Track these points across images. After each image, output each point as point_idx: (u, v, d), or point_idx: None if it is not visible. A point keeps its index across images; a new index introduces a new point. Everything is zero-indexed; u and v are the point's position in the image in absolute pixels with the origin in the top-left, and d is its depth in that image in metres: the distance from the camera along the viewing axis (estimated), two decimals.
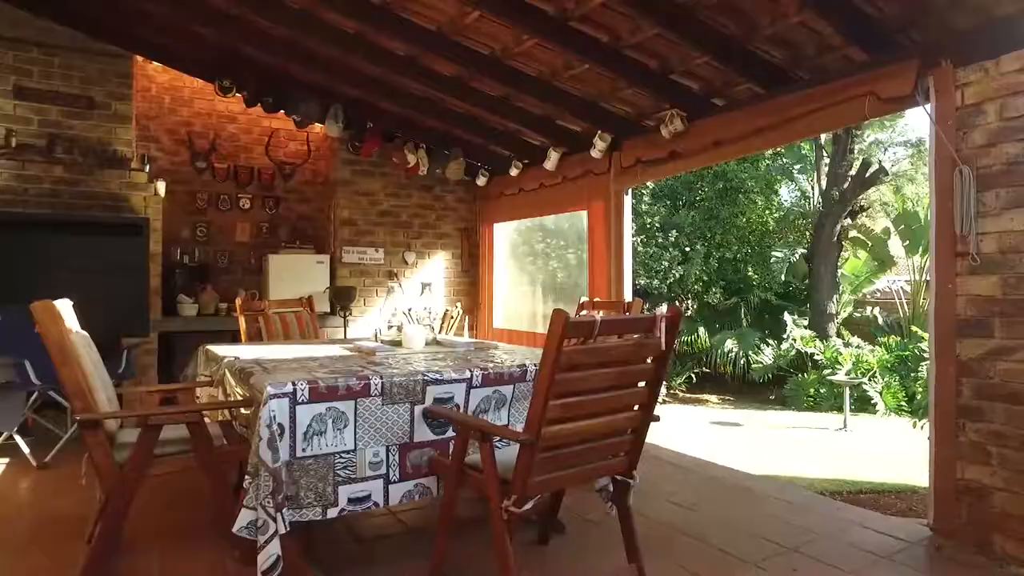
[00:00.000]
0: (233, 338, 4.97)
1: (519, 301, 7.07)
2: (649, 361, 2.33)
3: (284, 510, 2.19)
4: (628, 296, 4.76)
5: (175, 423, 2.45)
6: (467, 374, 2.67)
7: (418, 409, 2.56)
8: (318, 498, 2.33)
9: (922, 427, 4.11)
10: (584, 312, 4.22)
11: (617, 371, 2.22)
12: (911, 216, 11.62)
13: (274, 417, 2.21)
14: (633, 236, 10.86)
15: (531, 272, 7.39)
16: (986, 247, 2.84)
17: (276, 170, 6.56)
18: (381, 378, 2.46)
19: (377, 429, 2.46)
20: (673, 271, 10.92)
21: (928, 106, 3.02)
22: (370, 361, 2.93)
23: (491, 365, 2.81)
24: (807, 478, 6.26)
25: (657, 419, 2.46)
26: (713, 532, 3.10)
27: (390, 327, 3.60)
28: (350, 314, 6.06)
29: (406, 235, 6.66)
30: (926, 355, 10.28)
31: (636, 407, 2.39)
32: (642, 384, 2.37)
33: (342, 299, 5.95)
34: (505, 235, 6.96)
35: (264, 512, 2.14)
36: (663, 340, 2.25)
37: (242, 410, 2.68)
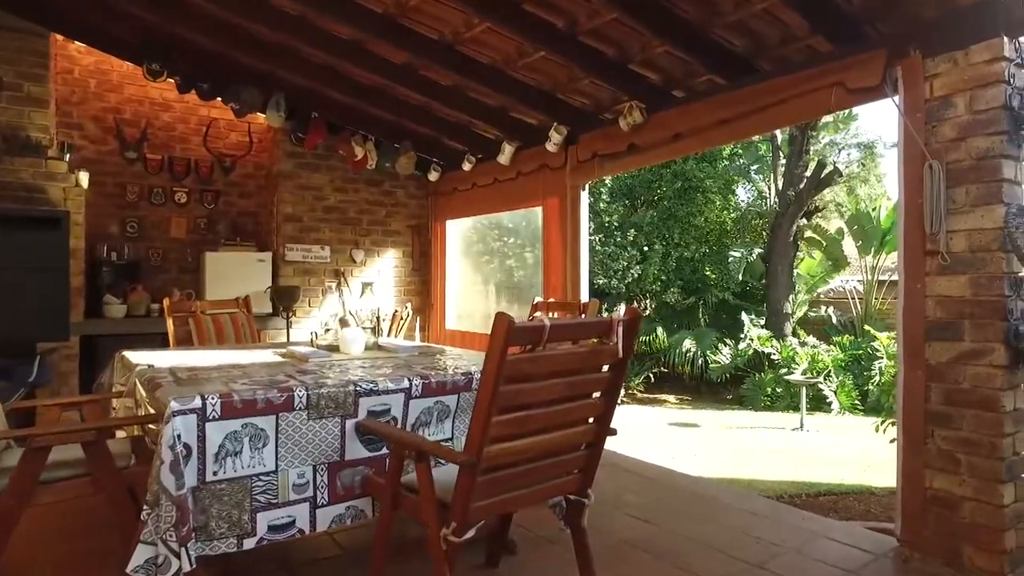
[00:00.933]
0: (163, 342, 4.60)
1: (473, 301, 6.82)
2: (605, 369, 2.12)
3: (191, 543, 1.90)
4: (585, 296, 4.56)
5: (65, 443, 2.13)
6: (405, 383, 2.41)
7: (350, 423, 2.29)
8: (232, 527, 2.04)
9: (884, 431, 4.01)
10: (538, 313, 4.00)
11: (569, 381, 1.99)
12: (864, 216, 11.77)
13: (179, 437, 1.91)
14: (591, 235, 10.72)
15: (486, 271, 7.15)
16: (956, 246, 2.71)
17: (215, 162, 6.16)
18: (307, 390, 2.19)
19: (302, 447, 2.18)
20: (631, 271, 10.82)
21: (896, 98, 2.88)
22: (300, 369, 2.65)
23: (433, 373, 2.56)
24: (767, 481, 6.18)
25: (614, 432, 2.25)
26: (675, 548, 2.91)
27: (327, 330, 3.32)
28: (293, 315, 5.72)
29: (354, 232, 6.33)
30: (879, 354, 10.43)
31: (591, 419, 2.17)
32: (597, 394, 2.15)
33: (285, 299, 5.60)
34: (458, 232, 6.70)
35: (165, 547, 1.84)
36: (621, 345, 2.03)
37: (151, 425, 2.37)
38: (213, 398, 2.00)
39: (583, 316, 3.54)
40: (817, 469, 6.59)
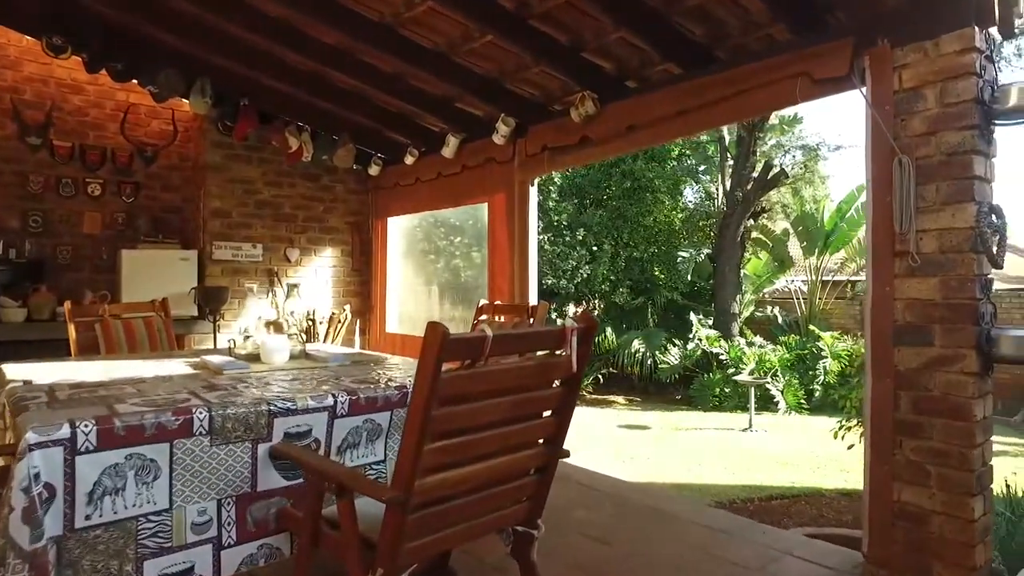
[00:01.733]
0: (70, 350, 4.12)
1: (416, 303, 6.49)
2: (557, 384, 1.86)
3: None
4: (534, 298, 4.31)
5: None
6: (329, 400, 2.10)
7: (263, 448, 1.96)
8: None
9: (842, 437, 3.88)
10: (484, 317, 3.72)
11: (515, 399, 1.72)
12: (808, 218, 11.93)
13: (36, 476, 1.56)
14: (540, 234, 10.51)
15: (431, 271, 6.84)
16: (926, 246, 2.55)
17: (135, 152, 5.64)
18: (210, 411, 1.85)
19: (204, 479, 1.84)
20: (581, 271, 10.66)
21: (864, 89, 2.72)
22: (210, 384, 2.30)
23: (363, 387, 2.25)
24: (719, 485, 6.07)
25: (567, 455, 1.99)
26: (633, 572, 2.67)
27: (246, 337, 2.96)
28: (221, 318, 5.28)
29: (289, 229, 5.92)
30: (823, 353, 10.57)
31: (540, 441, 1.91)
32: (548, 413, 1.88)
33: (211, 301, 5.16)
34: (401, 230, 6.36)
35: None
36: (574, 357, 1.78)
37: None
38: (87, 425, 1.65)
39: (531, 320, 3.27)
40: (768, 471, 6.52)
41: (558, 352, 1.78)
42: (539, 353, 1.79)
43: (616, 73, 3.85)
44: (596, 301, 13.84)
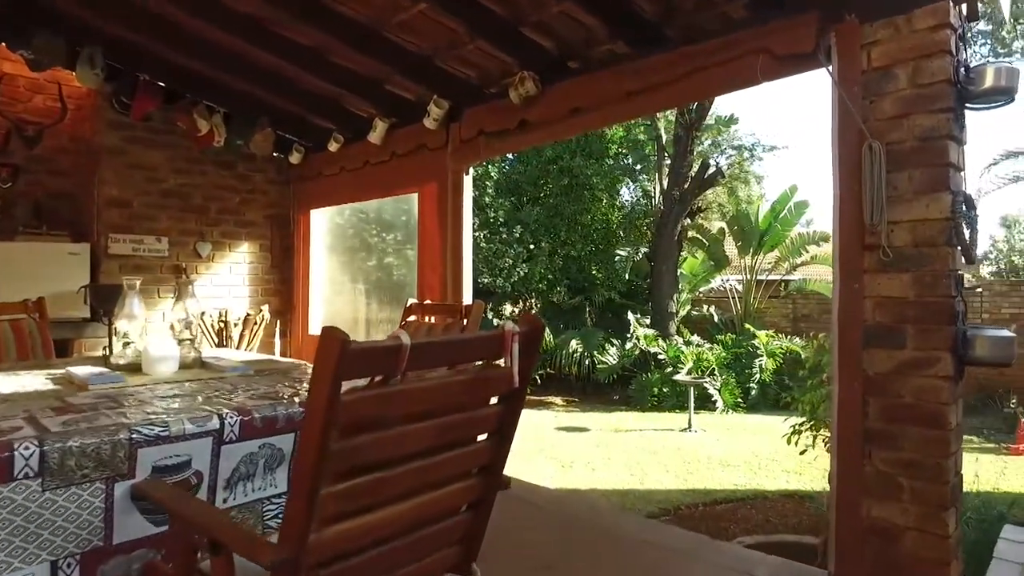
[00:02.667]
0: None
1: (344, 303, 6.03)
2: (495, 401, 1.51)
3: None
4: (469, 297, 3.95)
5: None
6: (214, 422, 1.68)
7: (121, 488, 1.53)
8: None
9: (795, 442, 3.70)
10: (412, 318, 3.34)
11: (442, 423, 1.37)
12: (743, 217, 12.03)
13: None
14: (476, 231, 10.17)
15: (361, 269, 6.38)
16: (898, 239, 2.34)
17: (13, 130, 4.95)
18: (40, 445, 1.41)
19: (31, 536, 1.40)
20: (517, 269, 10.36)
21: (831, 68, 2.49)
22: (65, 404, 1.83)
23: (260, 404, 1.84)
24: (663, 491, 5.87)
25: (506, 484, 1.65)
26: None
27: (126, 344, 2.49)
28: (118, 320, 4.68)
29: (199, 221, 5.35)
30: (759, 352, 10.64)
31: (475, 471, 1.56)
32: (484, 437, 1.54)
33: (105, 301, 4.55)
34: (327, 224, 5.88)
35: None
36: (516, 368, 1.43)
37: None
38: None
39: (465, 321, 2.92)
40: (710, 473, 6.38)
41: (496, 362, 1.43)
42: (472, 364, 1.43)
43: (559, 52, 3.53)
44: (533, 300, 13.61)
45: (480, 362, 1.44)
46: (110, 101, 4.65)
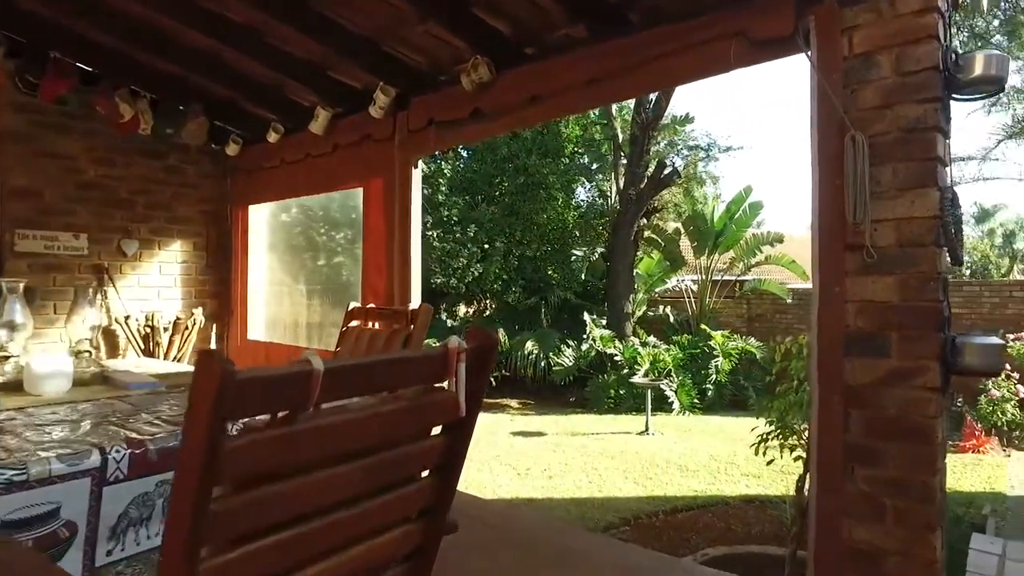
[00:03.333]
0: None
1: (287, 305, 5.65)
2: (438, 431, 1.25)
3: None
4: (417, 300, 3.65)
5: None
6: (94, 458, 1.37)
7: None
8: None
9: (763, 452, 3.53)
10: (355, 323, 3.05)
11: (371, 463, 1.09)
12: (699, 217, 12.02)
13: None
14: (429, 230, 9.85)
15: (307, 269, 6.01)
16: (882, 239, 2.16)
17: None
18: None
19: None
20: (472, 269, 10.08)
21: (810, 53, 2.30)
22: None
23: (159, 431, 1.53)
24: (622, 498, 5.68)
25: (454, 528, 1.38)
26: None
27: (4, 358, 2.12)
28: None
29: (124, 217, 4.90)
30: (715, 352, 10.63)
31: (415, 515, 1.28)
32: (425, 474, 1.27)
33: None
34: (269, 220, 5.49)
35: None
36: (463, 394, 1.17)
37: None
38: None
39: (412, 327, 2.64)
40: (669, 478, 6.24)
41: (440, 385, 1.17)
42: (409, 390, 1.16)
43: (514, 36, 3.28)
44: (488, 301, 13.36)
45: (419, 385, 1.17)
46: (13, 80, 4.18)
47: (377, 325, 3.04)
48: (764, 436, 3.53)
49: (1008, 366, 7.25)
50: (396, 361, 1.15)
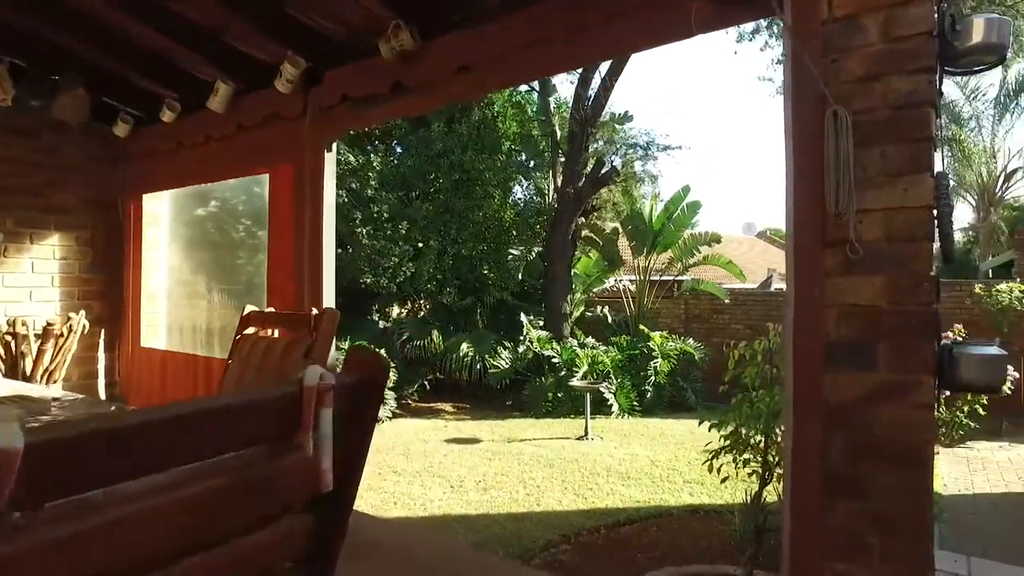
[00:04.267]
0: None
1: (194, 309, 5.04)
2: (295, 511, 0.82)
3: None
4: (331, 302, 3.16)
5: None
6: None
7: None
8: None
9: (717, 470, 3.23)
10: (252, 330, 2.56)
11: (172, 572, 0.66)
12: (637, 217, 11.86)
13: None
14: (359, 227, 9.28)
15: (222, 268, 5.40)
16: (868, 232, 1.85)
17: None
18: None
19: None
20: (404, 268, 9.57)
21: (783, 15, 1.97)
22: None
23: None
24: (562, 512, 5.34)
25: None
26: None
27: None
28: None
29: None
30: (654, 353, 10.47)
31: None
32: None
33: None
34: (173, 212, 4.86)
35: None
36: (328, 457, 0.75)
37: None
38: None
39: (314, 335, 2.19)
40: (610, 488, 5.94)
41: (287, 447, 0.74)
42: (238, 455, 0.73)
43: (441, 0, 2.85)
44: (422, 301, 12.85)
45: (257, 447, 0.74)
46: None
47: (276, 333, 2.57)
48: (716, 452, 3.23)
49: None
50: (195, 415, 0.70)
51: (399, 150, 12.40)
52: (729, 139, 63.87)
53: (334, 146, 3.28)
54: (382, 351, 9.80)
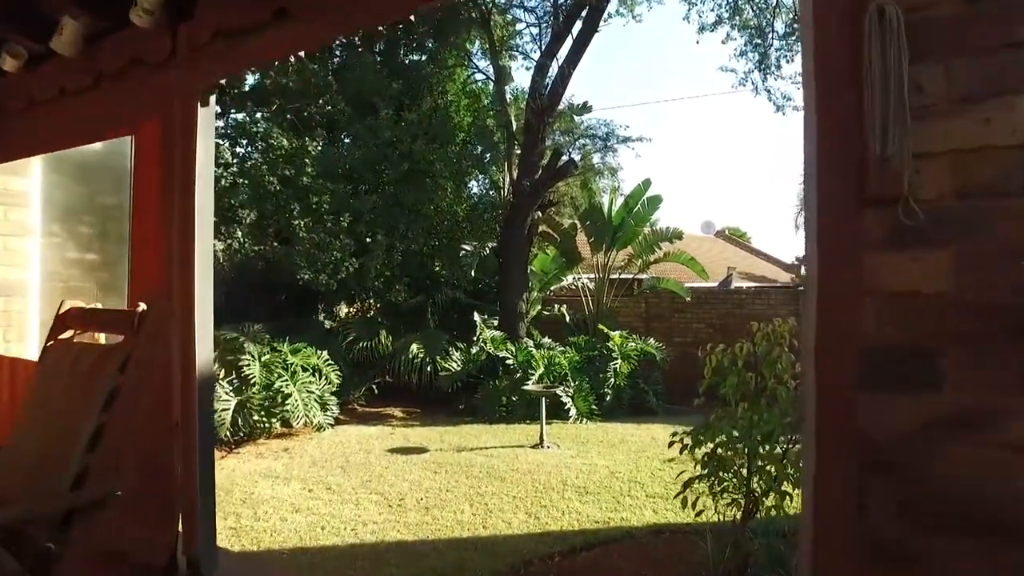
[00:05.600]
0: None
1: (51, 304, 4.20)
2: None
3: None
4: (207, 299, 2.39)
5: None
6: None
7: None
8: None
9: (692, 504, 2.63)
10: (69, 334, 1.85)
11: None
12: (596, 211, 11.33)
13: None
14: (296, 218, 8.49)
15: (107, 253, 4.58)
16: (930, 185, 1.26)
17: None
18: None
19: None
20: (347, 264, 8.81)
21: None
22: None
23: None
24: (513, 536, 4.72)
25: None
26: None
27: None
28: None
29: None
30: (614, 355, 9.92)
31: None
32: None
33: None
34: (38, 188, 4.02)
35: None
36: None
37: None
38: None
39: (136, 340, 1.50)
40: (566, 504, 5.34)
41: None
42: None
43: None
44: (372, 301, 12.09)
45: None
46: None
47: (103, 338, 1.87)
48: (689, 481, 2.63)
49: None
50: None
51: (347, 140, 11.63)
52: (686, 136, 64.07)
53: (212, 100, 2.57)
54: (324, 353, 9.04)
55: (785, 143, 61.87)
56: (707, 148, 66.66)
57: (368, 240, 10.16)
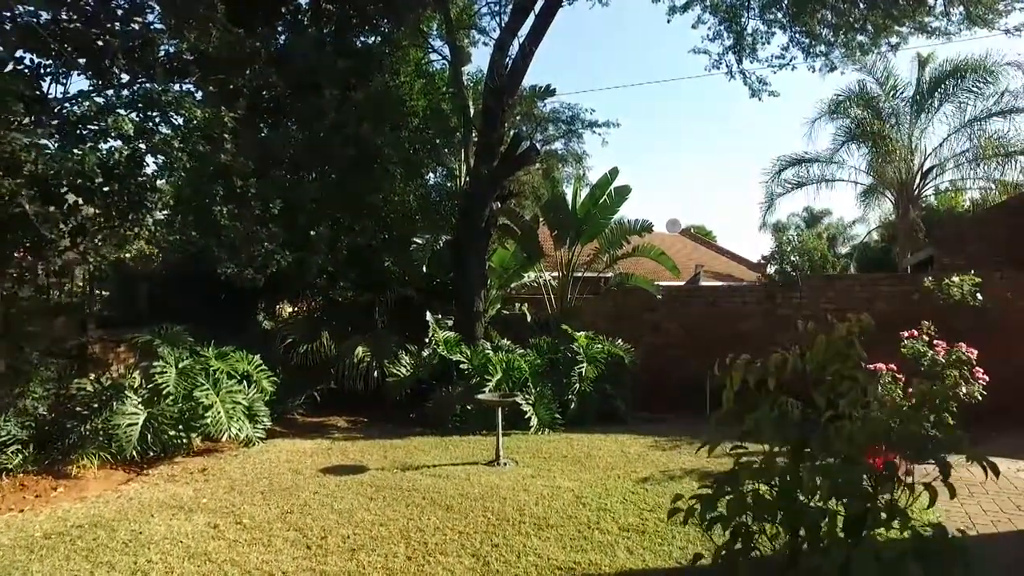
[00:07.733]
0: None
1: None
2: None
3: None
4: None
5: None
6: None
7: None
8: None
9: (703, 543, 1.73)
10: None
11: None
12: (559, 202, 10.48)
13: None
14: (217, 205, 7.39)
15: None
16: None
17: None
18: None
19: None
20: (278, 257, 7.76)
21: None
22: None
23: None
24: None
25: None
26: None
27: None
28: None
29: None
30: (579, 357, 9.05)
31: None
32: None
33: None
34: None
35: None
36: None
37: None
38: None
39: None
40: (522, 543, 4.44)
41: None
42: None
43: None
44: (315, 299, 11.03)
45: None
46: None
47: None
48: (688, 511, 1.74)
49: (894, 367, 6.21)
50: None
51: (292, 128, 10.53)
52: (650, 131, 63.47)
53: None
54: (257, 357, 7.99)
55: (752, 138, 61.90)
56: (673, 143, 66.33)
57: (313, 233, 9.12)
